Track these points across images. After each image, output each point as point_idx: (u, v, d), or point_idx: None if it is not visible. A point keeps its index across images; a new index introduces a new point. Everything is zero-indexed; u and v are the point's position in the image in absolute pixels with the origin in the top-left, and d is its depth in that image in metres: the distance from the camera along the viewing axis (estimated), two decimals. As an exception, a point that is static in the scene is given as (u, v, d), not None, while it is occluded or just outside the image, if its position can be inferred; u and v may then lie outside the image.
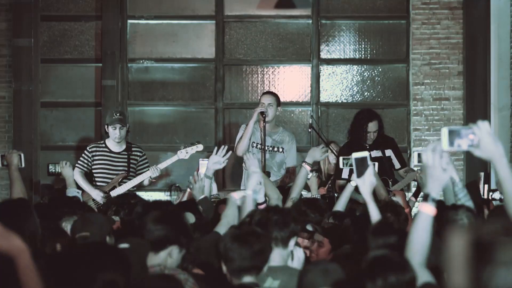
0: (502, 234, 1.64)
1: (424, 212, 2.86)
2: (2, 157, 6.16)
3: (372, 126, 7.78)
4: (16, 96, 9.93)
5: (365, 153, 4.22)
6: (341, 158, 6.22)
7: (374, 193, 4.64)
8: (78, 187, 7.67)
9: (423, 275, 3.01)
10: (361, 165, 4.14)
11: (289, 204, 5.78)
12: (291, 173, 7.90)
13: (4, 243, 2.56)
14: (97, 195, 7.60)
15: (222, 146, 5.95)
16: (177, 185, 9.99)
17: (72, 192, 6.68)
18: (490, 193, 6.76)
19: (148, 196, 9.41)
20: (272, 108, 7.86)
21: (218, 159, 5.92)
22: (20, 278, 2.59)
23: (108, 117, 7.91)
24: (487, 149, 2.77)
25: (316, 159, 6.27)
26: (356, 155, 4.19)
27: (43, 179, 9.79)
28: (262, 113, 7.72)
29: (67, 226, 4.69)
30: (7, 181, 10.06)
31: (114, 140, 7.83)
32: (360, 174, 4.12)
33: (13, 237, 2.59)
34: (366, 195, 4.08)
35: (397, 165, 7.89)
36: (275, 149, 7.98)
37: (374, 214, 4.04)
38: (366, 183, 4.10)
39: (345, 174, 7.55)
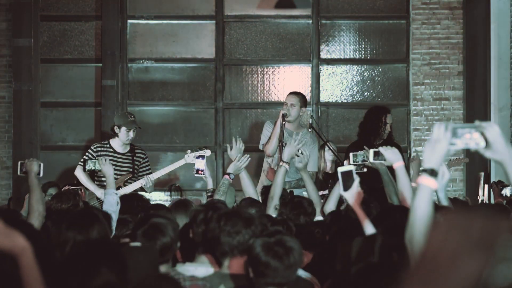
0: (504, 231, 1.64)
1: (425, 185, 2.84)
2: (21, 164, 6.04)
3: (389, 118, 7.95)
4: (16, 96, 9.93)
5: (350, 167, 4.26)
6: (351, 154, 6.21)
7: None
8: (80, 186, 7.67)
9: None
10: (347, 179, 4.18)
11: (271, 210, 5.73)
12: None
13: (6, 241, 2.56)
14: (102, 194, 7.60)
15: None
16: (177, 185, 10.00)
17: (110, 193, 6.04)
18: (501, 189, 6.79)
19: (148, 196, 9.42)
20: (294, 108, 7.88)
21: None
22: (23, 276, 2.58)
23: (122, 118, 7.92)
24: (499, 151, 2.77)
25: (293, 156, 6.27)
26: (341, 169, 4.23)
27: (45, 178, 9.79)
28: (283, 114, 7.74)
29: None
30: (7, 181, 10.08)
31: (125, 142, 7.86)
32: (346, 187, 4.16)
33: (15, 235, 2.59)
34: (356, 207, 4.12)
35: None
36: None
37: (368, 228, 4.08)
38: (354, 196, 4.14)
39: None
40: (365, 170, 6.07)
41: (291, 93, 8.22)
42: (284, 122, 7.68)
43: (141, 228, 3.94)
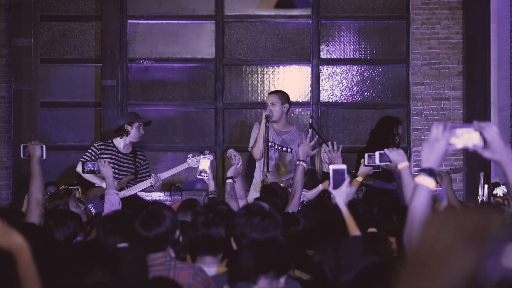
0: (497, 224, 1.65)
1: (424, 185, 2.83)
2: (24, 147, 5.87)
3: (401, 129, 8.02)
4: (16, 96, 9.93)
5: (343, 166, 4.31)
6: (366, 155, 6.23)
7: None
8: (88, 183, 7.69)
9: None
10: (338, 177, 4.22)
11: (291, 208, 5.78)
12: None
13: (4, 239, 2.56)
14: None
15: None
16: (177, 185, 10.01)
17: (111, 193, 6.02)
18: (493, 189, 6.80)
19: (148, 196, 9.43)
20: (275, 107, 7.83)
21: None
22: (20, 275, 2.59)
23: (132, 116, 8.02)
24: (498, 151, 2.76)
25: (309, 154, 6.32)
26: (334, 166, 4.29)
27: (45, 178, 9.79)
28: (266, 116, 7.71)
29: None
30: (7, 181, 10.08)
31: (136, 139, 7.98)
32: (336, 186, 4.21)
33: (13, 233, 2.59)
34: (342, 206, 4.17)
35: None
36: (283, 149, 7.94)
37: (351, 227, 4.12)
38: (342, 194, 4.19)
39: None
40: (380, 169, 6.12)
41: (271, 92, 8.21)
42: (268, 124, 7.64)
43: (139, 215, 3.97)
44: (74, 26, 10.40)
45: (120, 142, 7.96)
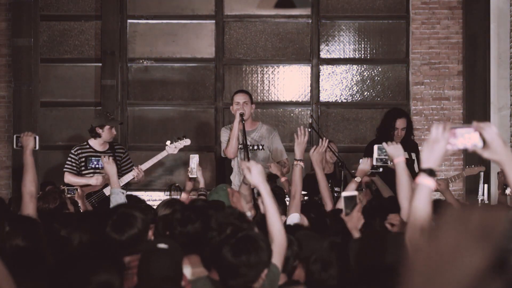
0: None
1: (424, 185, 2.85)
2: (17, 138, 5.85)
3: (400, 123, 7.94)
4: (16, 96, 9.93)
5: (354, 192, 4.42)
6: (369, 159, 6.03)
7: None
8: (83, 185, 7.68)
9: None
10: (350, 203, 4.32)
11: (293, 210, 5.69)
12: (286, 166, 7.78)
13: None
14: (96, 181, 7.67)
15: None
16: (176, 184, 10.00)
17: (116, 192, 5.87)
18: (504, 188, 6.78)
19: (148, 196, 9.44)
20: (248, 106, 7.84)
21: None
22: None
23: (102, 118, 8.00)
24: (497, 151, 2.77)
25: (303, 151, 6.27)
26: (345, 193, 4.41)
27: (45, 177, 9.79)
28: (241, 114, 7.72)
29: None
30: (7, 181, 10.08)
31: (109, 140, 7.95)
32: (349, 211, 4.33)
33: None
34: (354, 231, 4.27)
35: (417, 169, 7.89)
36: (255, 147, 7.93)
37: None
38: (354, 220, 4.27)
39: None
40: (381, 170, 6.09)
41: (240, 91, 8.13)
42: (243, 122, 7.64)
43: (110, 219, 3.92)
44: (74, 26, 10.40)
45: (95, 142, 7.99)
